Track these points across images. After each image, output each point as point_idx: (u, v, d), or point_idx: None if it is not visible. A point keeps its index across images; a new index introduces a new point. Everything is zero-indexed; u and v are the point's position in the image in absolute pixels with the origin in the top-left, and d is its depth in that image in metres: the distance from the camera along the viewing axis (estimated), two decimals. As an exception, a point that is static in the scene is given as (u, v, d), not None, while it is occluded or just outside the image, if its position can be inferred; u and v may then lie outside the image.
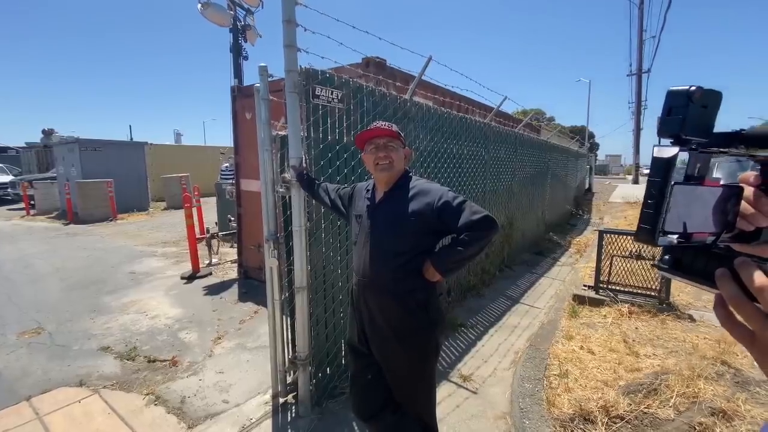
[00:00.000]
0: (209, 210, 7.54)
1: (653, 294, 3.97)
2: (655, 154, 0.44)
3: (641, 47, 24.08)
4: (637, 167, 26.13)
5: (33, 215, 10.96)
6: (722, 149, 0.45)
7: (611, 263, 4.23)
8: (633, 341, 3.19)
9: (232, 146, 4.98)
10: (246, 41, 10.37)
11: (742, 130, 0.44)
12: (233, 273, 5.31)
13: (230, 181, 6.25)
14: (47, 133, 16.32)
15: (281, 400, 2.53)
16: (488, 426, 2.34)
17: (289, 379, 2.56)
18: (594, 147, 39.10)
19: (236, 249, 5.25)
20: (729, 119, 0.45)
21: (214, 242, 5.71)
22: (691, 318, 3.64)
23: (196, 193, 7.84)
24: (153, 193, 13.15)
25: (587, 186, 17.52)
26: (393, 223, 1.62)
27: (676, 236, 0.45)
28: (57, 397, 2.62)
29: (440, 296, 1.74)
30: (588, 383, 2.61)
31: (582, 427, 2.22)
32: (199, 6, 8.62)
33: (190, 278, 5.14)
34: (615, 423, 2.22)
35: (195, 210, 6.11)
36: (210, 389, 2.71)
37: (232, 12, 9.73)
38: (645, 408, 2.32)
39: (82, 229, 8.92)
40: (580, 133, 23.57)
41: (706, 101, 0.43)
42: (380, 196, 1.70)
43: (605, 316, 3.72)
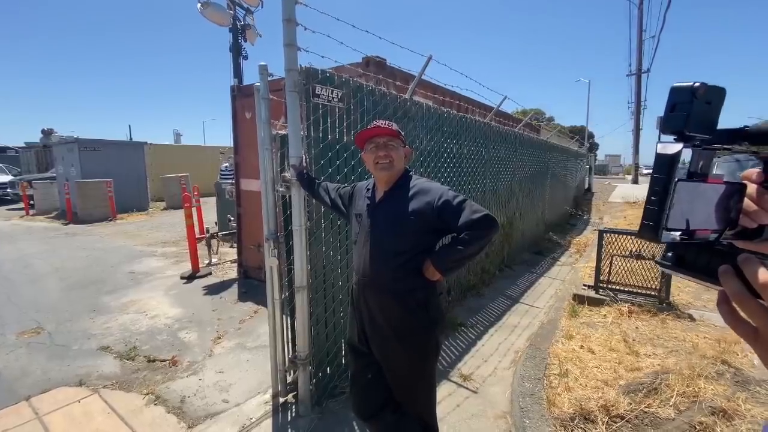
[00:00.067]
0: (209, 210, 7.54)
1: (653, 293, 3.97)
2: (659, 151, 0.43)
3: (641, 47, 24.09)
4: (637, 167, 26.12)
5: (32, 215, 10.95)
6: (726, 146, 0.45)
7: (611, 263, 4.23)
8: (633, 341, 3.19)
9: (232, 146, 4.98)
10: (246, 41, 10.38)
11: (746, 127, 0.43)
12: (233, 273, 5.31)
13: (230, 181, 6.24)
14: (46, 133, 16.30)
15: (281, 400, 2.52)
16: (488, 425, 2.34)
17: (289, 379, 2.56)
18: (593, 147, 39.12)
19: (236, 249, 5.25)
20: (729, 119, 0.45)
21: (214, 242, 5.71)
22: (691, 317, 3.64)
23: (196, 193, 7.84)
24: (152, 193, 13.14)
25: (587, 186, 17.53)
26: (393, 223, 1.61)
27: (679, 233, 0.45)
28: (56, 397, 2.62)
29: (440, 295, 1.74)
30: (588, 383, 2.61)
31: (582, 427, 2.22)
32: (199, 5, 8.61)
33: (190, 278, 5.14)
34: (615, 422, 2.22)
35: (194, 210, 6.11)
36: (210, 389, 2.71)
37: (232, 11, 9.73)
38: (645, 407, 2.32)
39: (82, 229, 8.91)
40: (580, 133, 23.59)
41: (710, 97, 0.43)
42: (380, 196, 1.70)
43: (605, 316, 3.72)
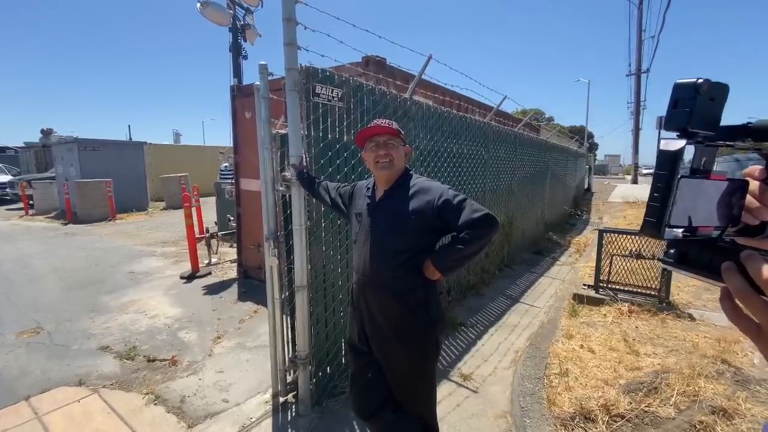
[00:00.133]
0: (208, 210, 7.53)
1: (653, 293, 3.97)
2: (662, 147, 0.43)
3: (640, 47, 24.08)
4: (636, 167, 26.13)
5: (32, 215, 10.93)
6: (728, 143, 0.45)
7: (611, 262, 4.23)
8: (633, 340, 3.19)
9: (232, 146, 4.97)
10: (245, 40, 10.38)
11: (749, 123, 0.43)
12: (233, 272, 5.31)
13: (230, 181, 6.24)
14: (46, 133, 16.30)
15: (281, 400, 2.52)
16: (489, 425, 2.34)
17: (289, 379, 2.56)
18: (593, 147, 39.12)
19: (236, 248, 5.24)
20: (728, 119, 0.45)
21: (214, 242, 5.70)
22: (691, 317, 3.64)
23: (195, 193, 7.82)
24: (152, 193, 13.13)
25: (586, 186, 17.55)
26: (393, 222, 1.61)
27: (682, 230, 0.45)
28: (56, 397, 2.61)
29: (440, 295, 1.73)
30: (588, 382, 2.61)
31: (583, 426, 2.22)
32: (199, 5, 8.61)
33: (190, 278, 5.13)
34: (616, 421, 2.22)
35: (194, 210, 6.10)
36: (210, 388, 2.71)
37: (232, 11, 9.73)
38: (645, 406, 2.32)
39: (81, 229, 8.90)
40: (580, 133, 23.59)
41: (713, 94, 0.43)
42: (380, 195, 1.70)
43: (605, 315, 3.72)
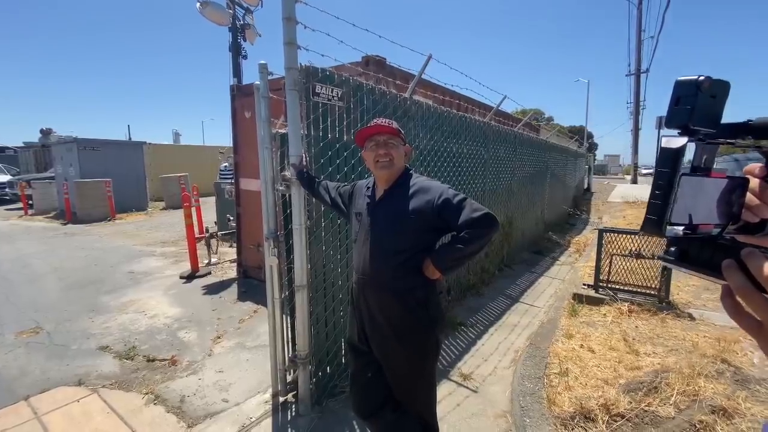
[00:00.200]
0: (208, 210, 7.53)
1: (653, 293, 3.97)
2: (664, 145, 0.43)
3: (639, 47, 24.09)
4: (636, 167, 26.13)
5: (31, 215, 10.92)
6: (729, 140, 0.45)
7: (611, 262, 4.23)
8: (633, 340, 3.19)
9: (231, 146, 4.97)
10: (245, 40, 10.38)
11: (750, 121, 0.43)
12: (232, 272, 5.30)
13: (229, 181, 6.24)
14: (45, 133, 16.29)
15: (281, 399, 2.52)
16: (489, 424, 2.34)
17: (289, 378, 2.55)
18: (593, 147, 39.14)
19: (235, 248, 5.24)
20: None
21: (213, 242, 5.70)
22: (691, 316, 3.64)
23: (195, 193, 7.82)
24: (151, 193, 13.12)
25: (586, 185, 17.56)
26: (393, 221, 1.61)
27: (682, 228, 0.44)
28: (55, 397, 2.61)
29: (440, 294, 1.73)
30: (588, 381, 2.61)
31: (583, 426, 2.22)
32: (198, 5, 8.61)
33: (189, 278, 5.13)
34: (616, 421, 2.22)
35: (194, 209, 6.10)
36: (209, 388, 2.71)
37: (231, 11, 9.73)
38: (645, 406, 2.32)
39: (81, 229, 8.89)
40: (579, 133, 23.60)
41: (715, 91, 0.43)
42: (380, 194, 1.69)
43: (605, 315, 3.73)
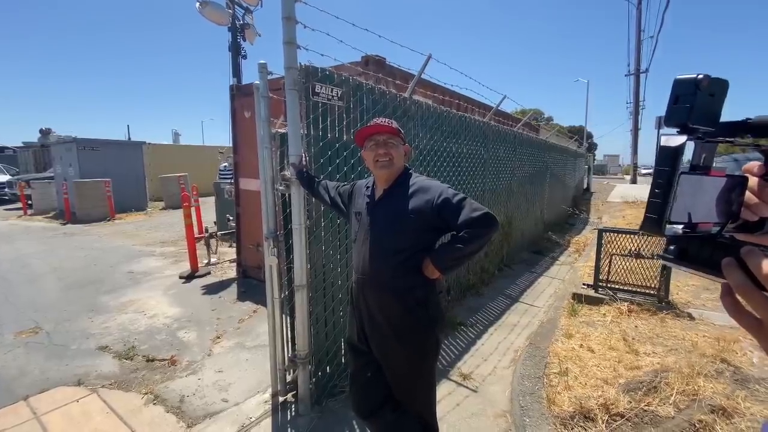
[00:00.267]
0: (208, 210, 7.52)
1: (652, 292, 3.97)
2: (663, 143, 0.43)
3: (639, 47, 24.11)
4: (635, 167, 26.15)
5: (30, 215, 10.91)
6: (728, 139, 0.45)
7: (610, 262, 4.24)
8: (632, 339, 3.19)
9: (231, 145, 4.97)
10: (245, 40, 10.37)
11: (749, 119, 0.43)
12: (232, 272, 5.30)
13: (229, 181, 6.24)
14: (45, 133, 16.28)
15: (281, 399, 2.52)
16: (488, 424, 2.34)
17: (289, 378, 2.55)
18: (592, 147, 39.13)
19: (235, 248, 5.23)
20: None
21: (213, 242, 5.70)
22: (690, 316, 3.64)
23: (195, 193, 7.82)
24: (151, 193, 13.11)
25: (586, 185, 17.57)
26: (393, 221, 1.61)
27: (682, 226, 0.44)
28: (55, 397, 2.61)
29: (440, 294, 1.73)
30: (588, 381, 2.61)
31: (582, 425, 2.22)
32: (198, 5, 8.60)
33: (189, 278, 5.12)
34: (615, 420, 2.22)
35: (193, 209, 6.09)
36: (209, 388, 2.70)
37: (231, 11, 9.72)
38: (645, 406, 2.32)
39: (80, 229, 8.88)
40: (579, 133, 23.61)
41: (713, 89, 0.43)
42: (380, 194, 1.69)
43: (605, 315, 3.73)
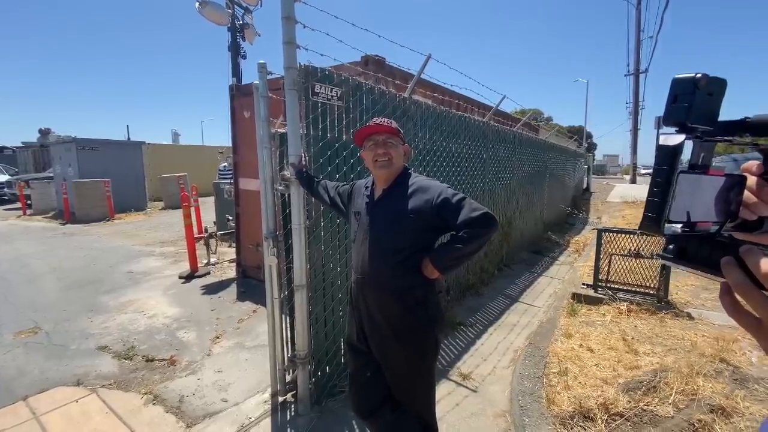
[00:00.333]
0: (207, 210, 7.52)
1: (652, 292, 3.98)
2: (661, 142, 0.43)
3: (638, 47, 24.13)
4: (635, 167, 26.16)
5: (30, 215, 10.90)
6: (727, 137, 0.45)
7: (610, 262, 4.24)
8: (632, 339, 3.19)
9: (231, 145, 4.96)
10: (244, 40, 10.38)
11: (747, 118, 0.43)
12: (231, 272, 5.29)
13: (228, 181, 6.23)
14: (44, 133, 16.27)
15: (280, 399, 2.52)
16: (488, 424, 2.34)
17: (289, 378, 2.55)
18: (592, 147, 39.15)
19: (234, 248, 5.23)
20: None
21: (213, 242, 5.69)
22: (690, 316, 3.65)
23: (194, 193, 7.81)
24: (150, 193, 13.10)
25: (585, 185, 17.57)
26: (392, 220, 1.61)
27: (681, 225, 0.45)
28: (54, 397, 2.60)
29: (439, 294, 1.73)
30: (587, 381, 2.61)
31: (582, 425, 2.22)
32: (197, 4, 8.60)
33: (188, 278, 5.12)
34: (614, 420, 2.22)
35: (193, 209, 6.09)
36: (209, 388, 2.70)
37: (231, 10, 9.72)
38: (644, 405, 2.32)
39: (79, 229, 8.87)
40: (578, 133, 23.61)
41: (712, 89, 0.43)
42: (379, 194, 1.69)
43: (604, 315, 3.73)
